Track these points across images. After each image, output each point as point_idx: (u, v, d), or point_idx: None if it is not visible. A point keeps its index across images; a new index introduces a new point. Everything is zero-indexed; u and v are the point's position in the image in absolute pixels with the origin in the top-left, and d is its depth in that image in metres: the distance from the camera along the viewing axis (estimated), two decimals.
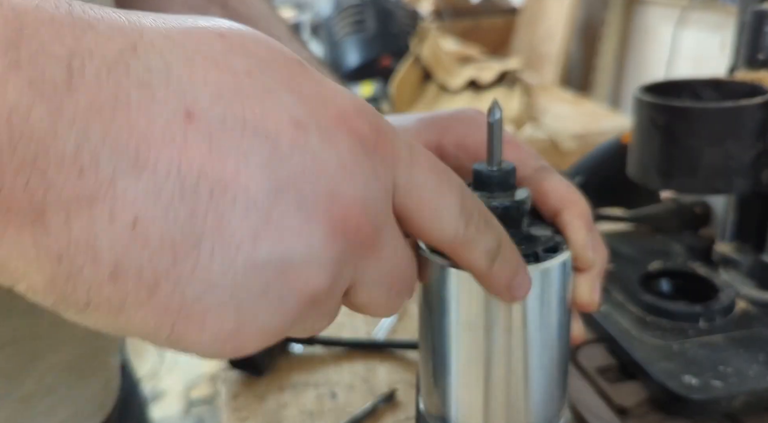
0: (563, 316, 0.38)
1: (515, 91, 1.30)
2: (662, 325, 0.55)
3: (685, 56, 1.94)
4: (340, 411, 0.54)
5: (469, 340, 0.38)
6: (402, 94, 1.25)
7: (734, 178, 0.48)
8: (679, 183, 0.49)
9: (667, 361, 0.51)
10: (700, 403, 0.47)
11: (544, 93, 1.44)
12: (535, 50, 2.37)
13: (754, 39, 0.55)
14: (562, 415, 0.41)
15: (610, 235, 0.71)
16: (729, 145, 0.47)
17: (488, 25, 2.71)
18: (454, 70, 1.39)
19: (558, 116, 1.24)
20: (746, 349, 0.52)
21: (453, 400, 0.40)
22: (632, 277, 0.61)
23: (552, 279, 0.37)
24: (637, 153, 0.51)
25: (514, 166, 0.38)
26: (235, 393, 0.57)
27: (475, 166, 0.38)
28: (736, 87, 0.52)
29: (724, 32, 1.77)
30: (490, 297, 0.36)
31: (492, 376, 0.38)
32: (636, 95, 0.50)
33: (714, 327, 0.55)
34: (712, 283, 0.60)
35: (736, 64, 0.59)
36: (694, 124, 0.47)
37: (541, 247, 0.36)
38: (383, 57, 1.36)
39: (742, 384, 0.48)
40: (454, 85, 1.32)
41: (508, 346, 0.37)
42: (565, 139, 1.12)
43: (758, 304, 0.58)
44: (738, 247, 0.63)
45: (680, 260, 0.64)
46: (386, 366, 0.60)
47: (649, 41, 2.13)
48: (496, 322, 0.37)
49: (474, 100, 1.29)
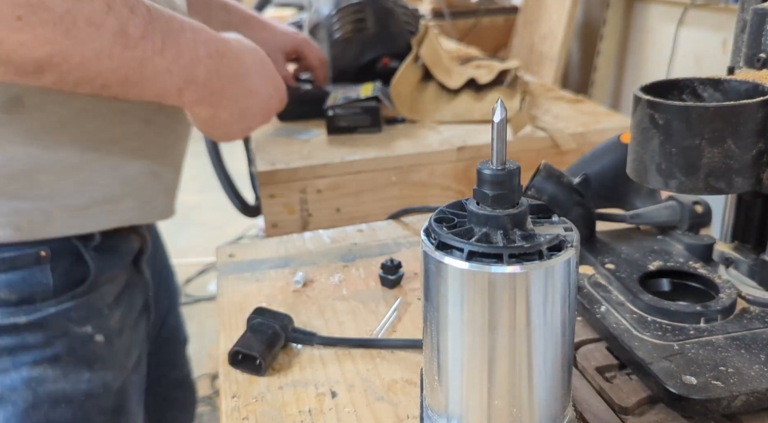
0: (567, 313, 0.38)
1: (515, 90, 1.30)
2: (662, 325, 0.55)
3: (685, 56, 1.94)
4: (340, 411, 0.54)
5: (472, 338, 0.38)
6: (402, 94, 1.25)
7: (734, 178, 0.48)
8: (679, 183, 0.49)
9: (667, 361, 0.51)
10: (700, 403, 0.47)
11: (544, 93, 1.44)
12: (535, 50, 2.37)
13: (754, 38, 0.55)
14: (567, 414, 0.41)
15: (610, 235, 0.71)
16: (729, 145, 0.47)
17: (488, 24, 2.71)
18: (453, 70, 1.39)
19: (558, 116, 1.24)
20: (746, 349, 0.52)
21: (457, 398, 0.40)
22: (632, 277, 0.61)
23: (556, 277, 0.37)
24: (636, 152, 0.51)
25: (518, 165, 0.38)
26: (235, 393, 0.57)
27: (479, 166, 0.38)
28: (737, 86, 0.52)
29: (725, 32, 1.77)
30: (494, 295, 0.36)
31: (496, 375, 0.38)
32: (635, 94, 0.50)
33: (714, 327, 0.55)
34: (712, 283, 0.60)
35: (737, 63, 0.59)
36: (694, 124, 0.47)
37: (546, 245, 0.36)
38: (383, 57, 1.35)
39: (742, 384, 0.48)
40: (454, 84, 1.32)
41: (512, 344, 0.37)
42: (565, 138, 1.12)
43: (758, 304, 0.58)
44: (738, 247, 0.63)
45: (680, 260, 0.64)
46: (386, 365, 0.60)
47: (649, 41, 2.13)
48: (499, 320, 0.37)
49: (474, 99, 1.29)
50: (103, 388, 0.73)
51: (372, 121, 1.18)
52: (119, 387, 0.76)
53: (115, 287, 0.77)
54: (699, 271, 0.62)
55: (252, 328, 0.62)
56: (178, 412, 1.12)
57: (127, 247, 0.80)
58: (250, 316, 0.64)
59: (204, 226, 3.32)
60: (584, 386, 0.54)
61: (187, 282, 2.78)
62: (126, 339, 0.78)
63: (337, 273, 0.77)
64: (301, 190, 1.05)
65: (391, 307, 0.69)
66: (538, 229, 0.39)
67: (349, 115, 1.17)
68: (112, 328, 0.75)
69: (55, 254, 0.69)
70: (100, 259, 0.73)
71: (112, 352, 0.75)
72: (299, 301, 0.72)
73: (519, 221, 0.38)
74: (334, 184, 1.06)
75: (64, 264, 0.71)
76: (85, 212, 0.71)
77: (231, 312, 0.70)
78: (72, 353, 0.71)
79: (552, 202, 0.64)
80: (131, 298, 0.80)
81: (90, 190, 0.71)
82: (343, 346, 0.63)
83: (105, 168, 0.72)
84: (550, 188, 0.65)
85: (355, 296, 0.72)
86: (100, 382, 0.73)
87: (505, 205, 0.38)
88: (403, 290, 0.73)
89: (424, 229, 0.40)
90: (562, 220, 0.41)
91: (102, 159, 0.72)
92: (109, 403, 0.74)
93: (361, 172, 1.06)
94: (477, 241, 0.37)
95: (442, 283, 0.38)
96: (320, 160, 1.06)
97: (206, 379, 2.17)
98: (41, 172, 0.68)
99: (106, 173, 0.72)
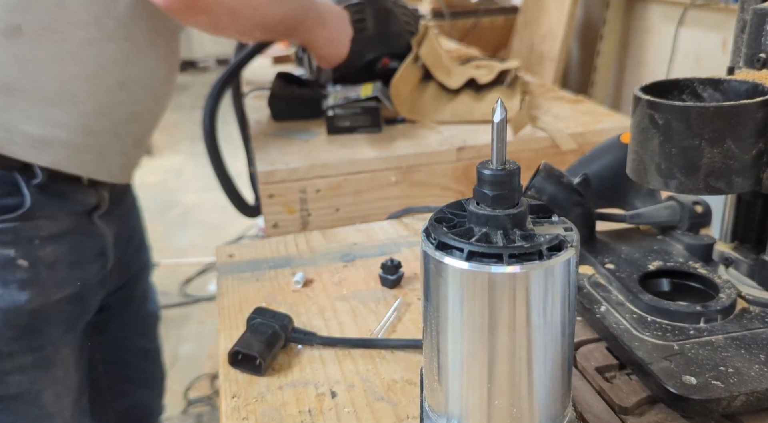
0: (567, 314, 0.38)
1: (515, 90, 1.30)
2: (662, 325, 0.55)
3: (685, 55, 1.94)
4: (340, 411, 0.54)
5: (472, 338, 0.38)
6: (401, 94, 1.25)
7: (734, 178, 0.48)
8: (679, 183, 0.49)
9: (667, 361, 0.51)
10: (700, 403, 0.47)
11: (544, 93, 1.44)
12: (535, 50, 2.37)
13: (754, 38, 0.55)
14: (567, 414, 0.41)
15: (610, 235, 0.71)
16: (729, 145, 0.47)
17: (488, 24, 2.71)
18: (453, 70, 1.39)
19: (558, 116, 1.24)
20: (746, 349, 0.52)
21: (457, 398, 0.40)
22: (632, 277, 0.61)
23: (556, 277, 0.37)
24: (636, 153, 0.51)
25: (518, 165, 0.38)
26: (234, 393, 0.57)
27: (479, 166, 0.38)
28: (737, 86, 0.52)
29: (725, 32, 1.77)
30: (494, 295, 0.36)
31: (496, 375, 0.38)
32: (635, 94, 0.50)
33: (714, 327, 0.55)
34: (712, 283, 0.60)
35: (737, 63, 0.59)
36: (694, 124, 0.47)
37: (546, 245, 0.36)
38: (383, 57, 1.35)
39: (741, 384, 0.48)
40: (454, 84, 1.31)
41: (512, 344, 0.37)
42: (565, 138, 1.12)
43: (758, 304, 0.58)
44: (738, 247, 0.63)
45: (680, 260, 0.64)
46: (386, 365, 0.60)
47: (649, 41, 2.13)
48: (499, 320, 0.37)
49: (474, 99, 1.29)
50: (12, 304, 0.82)
51: (372, 121, 1.18)
52: (34, 309, 0.84)
53: (56, 226, 0.85)
54: (699, 271, 0.62)
55: (252, 328, 0.62)
56: (143, 387, 1.21)
57: (80, 199, 0.88)
58: (250, 316, 0.64)
59: (204, 226, 3.33)
60: (584, 386, 0.54)
61: (187, 282, 2.78)
62: (59, 272, 0.86)
63: (337, 273, 0.77)
64: (301, 190, 1.05)
65: (391, 307, 0.69)
66: (538, 229, 0.39)
67: (349, 115, 1.17)
68: (40, 259, 0.83)
69: None
70: (40, 196, 0.82)
71: (35, 277, 0.83)
72: (299, 301, 0.72)
73: (519, 221, 0.38)
74: (334, 184, 1.06)
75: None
76: (46, 147, 0.81)
77: (231, 312, 0.70)
78: None
79: (552, 202, 0.64)
80: (77, 241, 0.89)
81: (56, 129, 0.81)
82: (343, 346, 0.63)
83: (74, 113, 0.82)
84: (550, 188, 0.65)
85: (355, 296, 0.72)
86: (10, 299, 0.82)
87: (505, 205, 0.38)
88: (403, 290, 0.73)
89: (424, 229, 0.40)
90: (562, 220, 0.41)
91: (74, 103, 0.82)
92: (20, 320, 0.83)
93: (361, 172, 1.06)
94: (477, 242, 0.37)
95: (442, 283, 0.38)
96: (320, 160, 1.06)
97: (206, 379, 2.18)
98: (16, 96, 0.78)
99: (74, 118, 0.82)
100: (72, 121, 0.82)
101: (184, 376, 2.18)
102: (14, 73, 0.77)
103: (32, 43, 0.77)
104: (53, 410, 0.90)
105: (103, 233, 0.95)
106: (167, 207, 3.53)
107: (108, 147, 0.88)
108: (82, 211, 0.89)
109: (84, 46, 0.80)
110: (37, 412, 0.88)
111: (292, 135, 1.20)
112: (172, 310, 2.55)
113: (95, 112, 0.84)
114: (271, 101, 1.29)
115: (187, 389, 2.14)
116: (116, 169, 0.92)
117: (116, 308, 1.08)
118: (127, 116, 0.89)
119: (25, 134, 0.79)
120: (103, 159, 0.88)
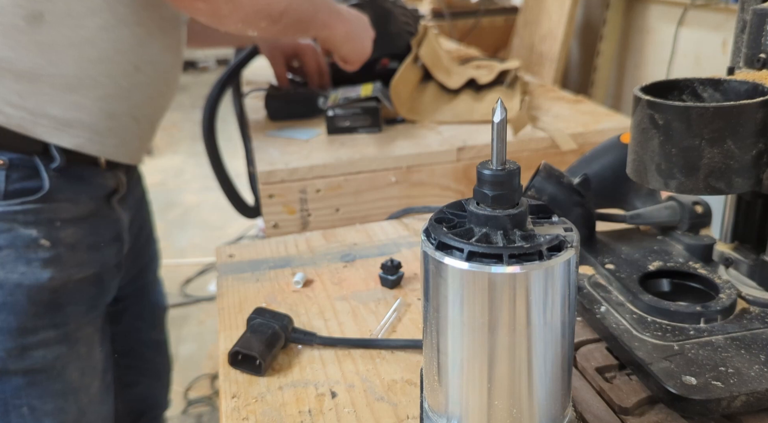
0: (567, 314, 0.38)
1: (515, 90, 1.30)
2: (662, 325, 0.55)
3: (685, 56, 1.94)
4: (340, 411, 0.54)
5: (472, 338, 0.38)
6: (401, 95, 1.25)
7: (734, 178, 0.48)
8: (679, 183, 0.49)
9: (667, 361, 0.51)
10: (700, 404, 0.47)
11: (544, 93, 1.44)
12: (535, 50, 2.37)
13: (754, 38, 0.55)
14: (567, 414, 0.41)
15: (610, 235, 0.71)
16: (729, 145, 0.47)
17: (488, 25, 2.71)
18: (453, 70, 1.39)
19: (558, 116, 1.24)
20: (746, 350, 0.52)
21: (457, 398, 0.40)
22: (632, 278, 0.61)
23: (556, 277, 0.37)
24: (636, 153, 0.51)
25: (518, 165, 0.38)
26: (234, 393, 0.57)
27: (479, 166, 0.38)
28: (737, 87, 0.52)
29: (725, 32, 1.77)
30: (494, 295, 0.36)
31: (496, 375, 0.38)
32: (635, 94, 0.50)
33: (714, 327, 0.55)
34: (712, 284, 0.60)
35: (737, 63, 0.59)
36: (694, 124, 0.47)
37: (546, 246, 0.36)
38: (382, 57, 1.35)
39: (741, 384, 0.48)
40: (454, 84, 1.31)
41: (512, 345, 0.37)
42: (565, 138, 1.12)
43: (758, 304, 0.58)
44: (738, 247, 0.63)
45: (680, 260, 0.64)
46: (386, 365, 0.60)
47: (649, 41, 2.13)
48: (499, 320, 0.37)
49: (474, 99, 1.29)
50: (35, 281, 0.84)
51: (372, 121, 1.18)
52: (56, 286, 0.86)
53: (77, 209, 0.88)
54: (699, 271, 0.62)
55: (252, 328, 0.62)
56: (152, 378, 1.25)
57: (99, 182, 0.91)
58: (250, 316, 0.64)
59: (204, 226, 3.33)
60: (584, 386, 0.54)
61: (187, 282, 2.78)
62: (79, 253, 0.89)
63: (337, 273, 0.77)
64: (301, 191, 1.05)
65: (391, 307, 0.69)
66: (538, 229, 0.39)
67: (349, 115, 1.18)
68: (61, 240, 0.86)
69: (12, 165, 0.81)
70: (60, 179, 0.85)
71: (56, 257, 0.86)
72: (299, 301, 0.72)
73: (519, 221, 0.38)
74: (334, 184, 1.06)
75: (19, 174, 0.82)
76: (69, 129, 0.84)
77: (231, 312, 0.70)
78: (12, 246, 0.83)
79: (552, 202, 0.64)
80: (96, 225, 0.92)
81: (78, 112, 0.84)
82: (343, 347, 0.63)
83: (95, 97, 0.85)
84: (550, 188, 0.65)
85: (355, 296, 0.72)
86: (33, 277, 0.84)
87: (505, 205, 0.38)
88: (403, 290, 0.73)
89: (424, 229, 0.40)
90: (562, 220, 0.41)
91: (95, 87, 0.85)
92: (43, 297, 0.85)
93: (360, 172, 1.06)
94: (477, 242, 0.37)
95: (442, 284, 0.38)
96: (320, 160, 1.06)
97: (206, 379, 2.18)
98: (41, 81, 0.81)
99: (94, 102, 0.85)
100: (93, 105, 0.85)
101: (184, 376, 2.18)
102: (37, 60, 0.80)
103: (53, 30, 0.80)
104: (78, 385, 0.92)
105: (120, 217, 0.97)
106: (167, 207, 3.53)
107: (127, 129, 0.92)
108: (102, 195, 0.92)
109: (100, 32, 0.83)
110: (62, 386, 0.89)
111: (292, 135, 1.20)
112: (172, 311, 2.53)
113: (115, 95, 0.87)
114: (267, 101, 1.30)
115: (187, 389, 2.14)
116: (134, 151, 0.96)
117: (130, 299, 1.11)
118: (143, 99, 0.93)
119: (50, 117, 0.82)
120: (123, 141, 0.92)
